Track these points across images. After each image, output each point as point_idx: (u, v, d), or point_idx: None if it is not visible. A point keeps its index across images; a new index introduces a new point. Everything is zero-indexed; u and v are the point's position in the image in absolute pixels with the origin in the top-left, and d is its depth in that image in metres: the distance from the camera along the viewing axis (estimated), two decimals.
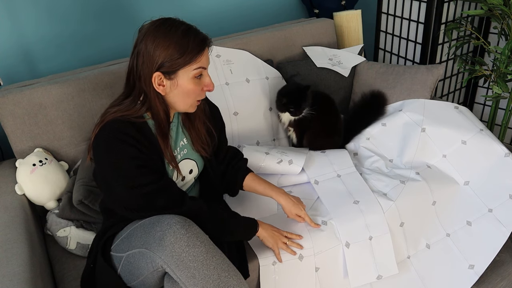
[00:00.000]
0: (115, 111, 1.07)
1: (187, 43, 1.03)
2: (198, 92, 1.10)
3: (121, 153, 1.03)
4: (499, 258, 1.55)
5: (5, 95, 1.47)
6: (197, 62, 1.06)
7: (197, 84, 1.09)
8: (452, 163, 1.58)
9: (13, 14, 1.69)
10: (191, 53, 1.04)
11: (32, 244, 1.21)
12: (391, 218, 1.43)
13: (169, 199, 1.08)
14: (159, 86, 1.06)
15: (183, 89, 1.08)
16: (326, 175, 1.56)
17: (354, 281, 1.36)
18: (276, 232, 1.27)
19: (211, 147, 1.27)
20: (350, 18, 2.18)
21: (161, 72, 1.04)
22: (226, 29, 2.20)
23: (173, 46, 1.03)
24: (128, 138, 1.04)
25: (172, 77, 1.06)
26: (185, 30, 1.04)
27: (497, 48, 2.01)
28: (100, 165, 1.07)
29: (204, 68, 1.09)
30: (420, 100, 1.75)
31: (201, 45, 1.05)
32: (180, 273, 0.97)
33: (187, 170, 1.23)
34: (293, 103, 1.66)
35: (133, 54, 1.07)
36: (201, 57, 1.06)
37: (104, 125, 1.05)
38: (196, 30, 1.07)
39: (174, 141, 1.19)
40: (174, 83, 1.07)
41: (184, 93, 1.09)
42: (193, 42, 1.04)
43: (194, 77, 1.08)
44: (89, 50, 1.90)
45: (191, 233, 0.99)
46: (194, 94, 1.10)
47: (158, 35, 1.03)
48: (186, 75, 1.06)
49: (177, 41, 1.03)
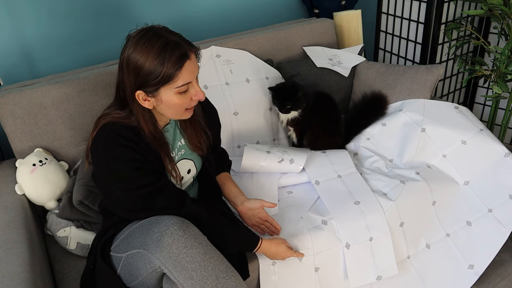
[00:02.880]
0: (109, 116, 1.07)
1: (164, 58, 0.98)
2: (187, 103, 1.07)
3: (119, 155, 1.03)
4: (499, 258, 1.55)
5: (5, 95, 1.47)
6: (176, 80, 1.01)
7: (183, 98, 1.05)
8: (452, 163, 1.58)
9: (13, 14, 1.69)
10: (168, 68, 0.98)
11: (32, 244, 1.21)
12: (391, 218, 1.43)
13: (168, 200, 1.08)
14: (144, 102, 1.05)
15: (168, 104, 1.05)
16: (327, 175, 1.56)
17: (353, 282, 1.36)
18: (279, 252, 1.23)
19: (208, 145, 1.27)
20: (350, 18, 2.18)
21: (143, 91, 1.02)
22: (226, 29, 2.20)
23: (150, 64, 0.98)
24: (126, 140, 1.04)
25: (155, 94, 1.03)
26: (163, 46, 0.98)
27: (497, 48, 2.01)
28: (99, 168, 1.07)
29: (188, 83, 1.03)
30: (420, 100, 1.75)
31: (178, 62, 0.99)
32: (178, 274, 0.97)
33: (185, 170, 1.23)
34: (278, 99, 1.69)
35: (119, 66, 1.05)
36: (180, 74, 1.00)
37: (102, 128, 1.05)
38: (174, 45, 0.99)
39: (171, 141, 1.19)
40: (158, 99, 1.04)
41: (171, 107, 1.06)
42: (168, 61, 0.98)
43: (178, 93, 1.03)
44: (89, 50, 1.90)
45: (188, 234, 0.99)
46: (181, 107, 1.07)
47: (136, 51, 0.99)
48: (169, 92, 1.03)
49: (154, 60, 0.98)
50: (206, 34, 2.12)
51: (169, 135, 1.19)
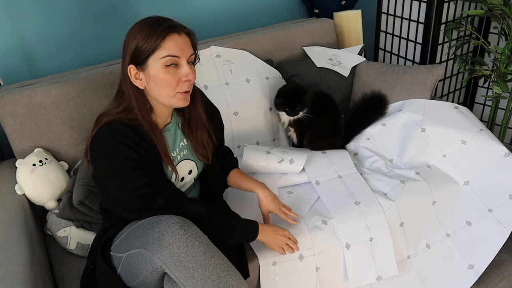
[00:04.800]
0: (109, 114, 1.08)
1: (151, 30, 1.02)
2: (176, 82, 1.06)
3: (118, 154, 1.03)
4: (499, 258, 1.55)
5: (5, 95, 1.47)
6: (162, 48, 1.03)
7: (171, 74, 1.05)
8: (452, 163, 1.58)
9: (14, 14, 1.69)
10: (153, 38, 1.02)
11: (32, 244, 1.21)
12: (391, 218, 1.43)
13: (167, 200, 1.08)
14: (136, 80, 1.07)
15: (155, 80, 1.05)
16: (327, 175, 1.56)
17: (353, 282, 1.36)
18: (278, 235, 1.24)
19: (212, 152, 1.27)
20: (350, 18, 2.18)
21: (133, 64, 1.05)
22: (226, 29, 2.20)
23: (140, 34, 1.03)
24: (126, 139, 1.04)
25: (144, 67, 1.05)
26: (155, 21, 1.04)
27: (497, 48, 2.01)
28: (97, 166, 1.07)
29: (176, 56, 1.04)
30: (420, 100, 1.75)
31: (165, 30, 1.02)
32: (179, 273, 0.97)
33: (187, 170, 1.23)
34: (288, 104, 1.67)
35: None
36: (166, 43, 1.03)
37: (102, 127, 1.05)
38: (166, 20, 1.05)
39: (172, 141, 1.19)
40: (147, 74, 1.06)
41: (158, 84, 1.06)
42: (157, 29, 1.02)
43: (165, 66, 1.04)
44: (89, 50, 1.90)
45: (189, 234, 0.99)
46: (170, 86, 1.06)
47: (131, 29, 1.06)
48: (156, 64, 1.04)
49: (144, 30, 1.03)
50: (206, 34, 2.12)
51: (169, 135, 1.18)
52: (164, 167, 1.13)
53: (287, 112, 1.69)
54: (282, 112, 1.72)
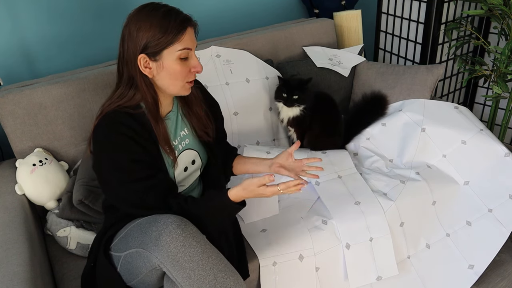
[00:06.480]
0: (110, 102, 1.08)
1: (168, 23, 1.03)
2: (186, 73, 1.09)
3: (118, 144, 1.04)
4: (499, 258, 1.56)
5: (5, 95, 1.47)
6: (180, 41, 1.05)
7: (183, 65, 1.08)
8: (452, 163, 1.58)
9: (14, 14, 1.69)
10: (172, 32, 1.03)
11: (32, 244, 1.21)
12: (391, 218, 1.43)
13: (157, 198, 1.08)
14: (145, 69, 1.07)
15: (169, 71, 1.07)
16: (327, 175, 1.56)
17: (353, 282, 1.36)
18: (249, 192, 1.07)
19: (213, 131, 1.27)
20: (350, 18, 2.18)
21: (145, 54, 1.05)
22: (226, 29, 2.20)
23: (155, 26, 1.03)
24: (127, 129, 1.04)
25: (157, 58, 1.06)
26: (166, 12, 1.04)
27: (497, 48, 2.01)
28: (98, 155, 1.08)
29: (189, 49, 1.07)
30: (420, 100, 1.75)
31: (182, 24, 1.05)
32: (176, 273, 0.97)
33: (190, 160, 1.22)
34: (286, 88, 1.67)
35: (120, 40, 1.08)
36: (183, 37, 1.05)
37: (104, 116, 1.06)
38: (177, 11, 1.06)
39: (174, 130, 1.19)
40: (160, 65, 1.06)
41: (171, 75, 1.08)
42: (174, 22, 1.03)
43: (179, 58, 1.06)
44: (89, 50, 1.90)
45: (187, 233, 0.98)
46: (181, 76, 1.09)
47: (140, 18, 1.04)
48: (171, 56, 1.06)
49: (158, 22, 1.03)
50: (206, 34, 2.12)
51: (171, 123, 1.19)
52: (165, 157, 1.13)
53: (284, 101, 1.69)
54: (281, 105, 1.72)
